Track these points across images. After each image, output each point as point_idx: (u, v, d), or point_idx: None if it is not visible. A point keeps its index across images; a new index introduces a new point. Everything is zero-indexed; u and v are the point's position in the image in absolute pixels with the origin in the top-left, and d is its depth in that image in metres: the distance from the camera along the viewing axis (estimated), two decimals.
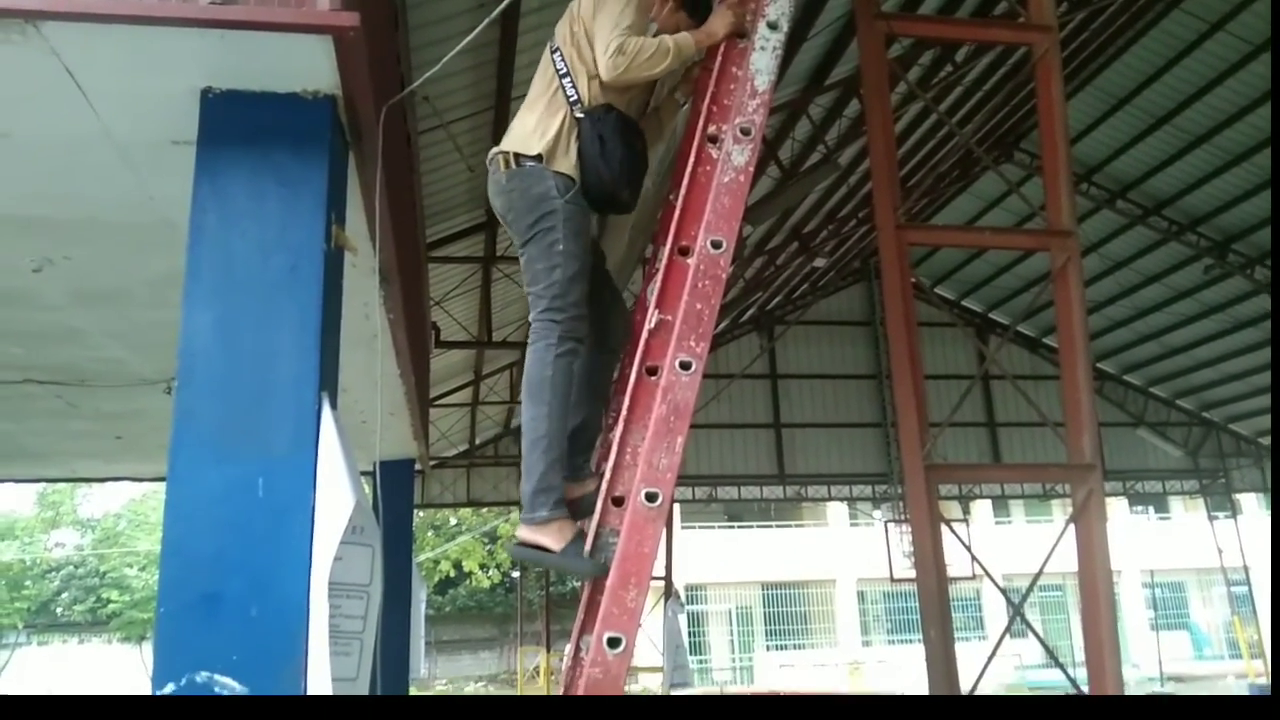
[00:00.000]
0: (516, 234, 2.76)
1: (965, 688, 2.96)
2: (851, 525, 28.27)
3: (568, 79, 2.78)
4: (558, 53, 2.84)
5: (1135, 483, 19.75)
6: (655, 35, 2.84)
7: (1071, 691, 3.09)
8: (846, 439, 18.25)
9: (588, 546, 2.47)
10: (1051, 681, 24.98)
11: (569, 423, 2.63)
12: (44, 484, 28.90)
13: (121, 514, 32.74)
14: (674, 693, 8.60)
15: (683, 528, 23.32)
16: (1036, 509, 29.43)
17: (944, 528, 3.05)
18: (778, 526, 29.77)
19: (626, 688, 2.32)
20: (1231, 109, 12.26)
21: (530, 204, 2.69)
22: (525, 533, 2.55)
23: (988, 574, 3.52)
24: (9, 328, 4.52)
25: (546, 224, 2.66)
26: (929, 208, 15.58)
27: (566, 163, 2.72)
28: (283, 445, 2.41)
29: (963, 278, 17.95)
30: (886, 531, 18.37)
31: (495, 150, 2.86)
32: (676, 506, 19.88)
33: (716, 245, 2.48)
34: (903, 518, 18.01)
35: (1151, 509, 31.49)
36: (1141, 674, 24.79)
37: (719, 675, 27.03)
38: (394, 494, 7.75)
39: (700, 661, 26.28)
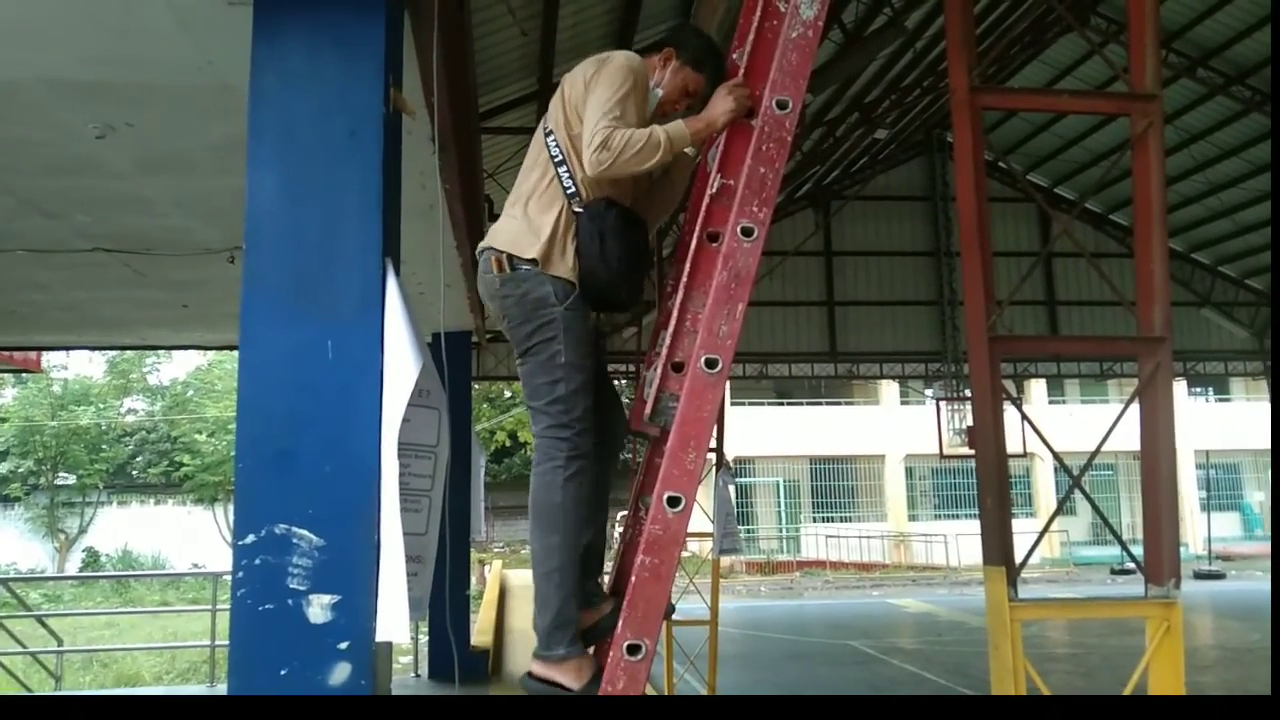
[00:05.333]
0: (514, 342, 2.57)
1: (1017, 559, 2.99)
2: (902, 403, 28.29)
3: (564, 168, 2.55)
4: (551, 136, 2.60)
5: (1196, 363, 19.37)
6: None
7: (1126, 564, 3.11)
8: (900, 317, 18.05)
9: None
10: (1098, 556, 25.31)
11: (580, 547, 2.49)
12: (114, 352, 29.93)
13: (189, 382, 33.94)
14: (724, 558, 8.85)
15: (732, 404, 23.51)
16: (1092, 389, 29.09)
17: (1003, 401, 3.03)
18: (827, 404, 29.90)
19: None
20: None
21: (526, 312, 2.50)
22: (540, 669, 2.43)
23: (1045, 442, 3.50)
24: (77, 195, 4.61)
25: (546, 334, 2.48)
26: (997, 75, 14.93)
27: (564, 266, 2.50)
28: (349, 309, 2.46)
29: (1029, 151, 17.32)
30: (938, 409, 18.34)
31: (484, 245, 2.61)
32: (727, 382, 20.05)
33: (782, 106, 2.39)
34: (955, 395, 17.95)
35: (1211, 390, 30.99)
36: (1189, 553, 24.95)
37: (765, 545, 27.72)
38: (452, 364, 7.88)
39: (748, 531, 26.94)
